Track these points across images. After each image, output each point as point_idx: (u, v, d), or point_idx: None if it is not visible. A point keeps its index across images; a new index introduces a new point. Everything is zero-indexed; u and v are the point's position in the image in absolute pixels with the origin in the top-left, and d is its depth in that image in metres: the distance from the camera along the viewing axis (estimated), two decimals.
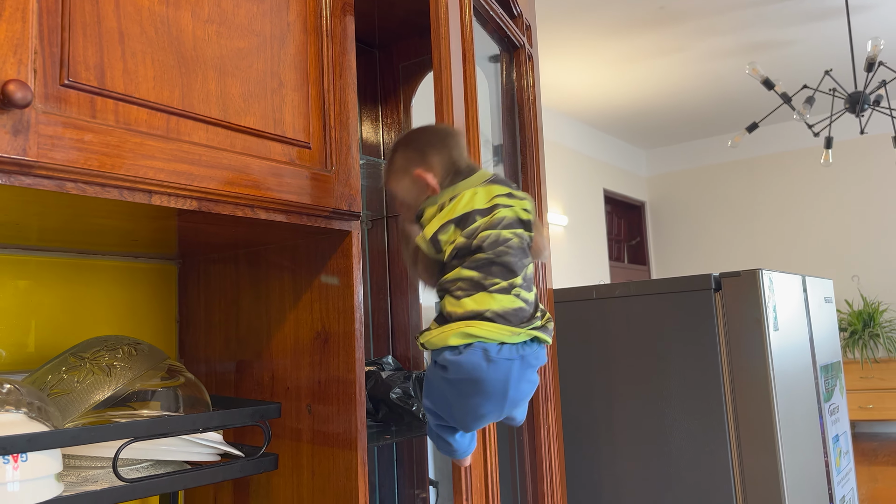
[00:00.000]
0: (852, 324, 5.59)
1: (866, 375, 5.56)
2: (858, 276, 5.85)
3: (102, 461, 0.89)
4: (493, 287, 0.92)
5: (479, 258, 0.92)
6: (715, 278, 1.46)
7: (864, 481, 4.52)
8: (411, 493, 1.72)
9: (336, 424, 1.11)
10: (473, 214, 0.94)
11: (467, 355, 0.91)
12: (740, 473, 1.42)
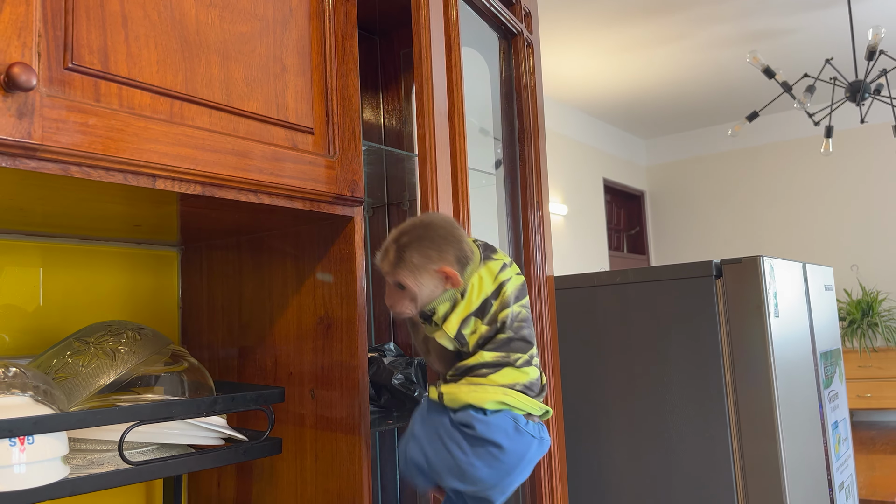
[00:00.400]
0: (851, 313, 5.61)
1: (864, 364, 5.58)
2: (857, 265, 5.86)
3: (108, 444, 0.90)
4: (518, 362, 0.94)
5: (499, 339, 0.94)
6: (716, 265, 1.47)
7: (861, 469, 4.54)
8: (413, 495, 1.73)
9: (339, 409, 1.11)
10: (488, 301, 0.95)
11: (499, 418, 0.92)
12: (740, 459, 1.43)
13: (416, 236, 0.95)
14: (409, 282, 0.93)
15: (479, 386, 0.92)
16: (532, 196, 1.52)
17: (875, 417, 5.85)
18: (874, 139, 5.87)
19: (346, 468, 1.08)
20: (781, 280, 1.51)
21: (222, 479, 1.25)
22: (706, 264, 1.46)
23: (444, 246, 0.94)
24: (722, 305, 1.45)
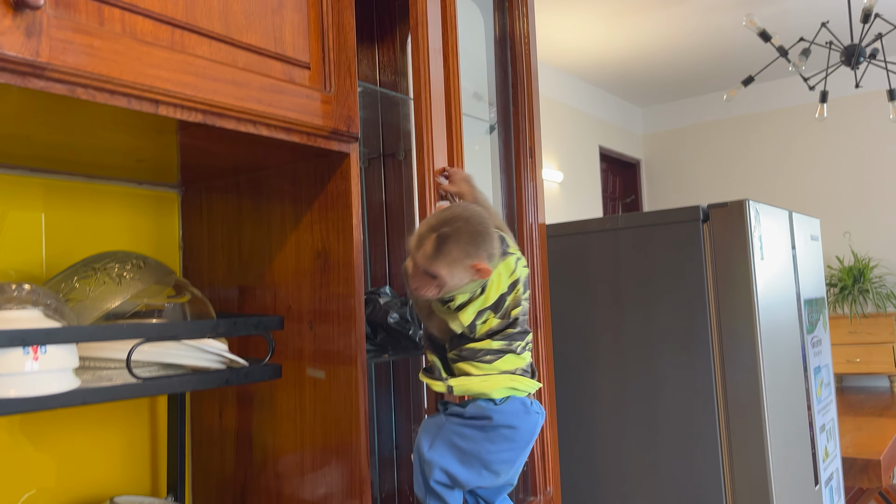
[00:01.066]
0: (842, 279, 5.67)
1: (854, 330, 5.65)
2: (850, 232, 5.91)
3: (116, 362, 0.94)
4: (519, 349, 1.02)
5: (509, 332, 1.02)
6: (703, 209, 1.51)
7: (849, 430, 4.62)
8: (408, 427, 1.79)
9: (337, 342, 1.16)
10: (504, 297, 1.01)
11: (509, 404, 1.00)
12: (723, 396, 1.48)
13: (457, 229, 0.96)
14: (444, 273, 0.95)
15: (489, 376, 1.00)
16: (524, 143, 1.55)
17: (863, 382, 5.94)
18: (868, 107, 5.88)
19: (343, 393, 1.13)
20: (767, 225, 1.55)
21: (224, 410, 1.30)
22: (694, 209, 1.50)
23: (480, 242, 0.97)
24: (708, 248, 1.49)
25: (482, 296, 0.99)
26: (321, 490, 1.16)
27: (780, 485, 1.47)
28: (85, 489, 1.20)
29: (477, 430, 1.00)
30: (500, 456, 1.01)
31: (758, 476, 1.44)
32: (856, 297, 5.60)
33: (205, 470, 1.31)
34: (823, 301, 1.95)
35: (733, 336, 1.47)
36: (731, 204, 1.46)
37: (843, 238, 5.92)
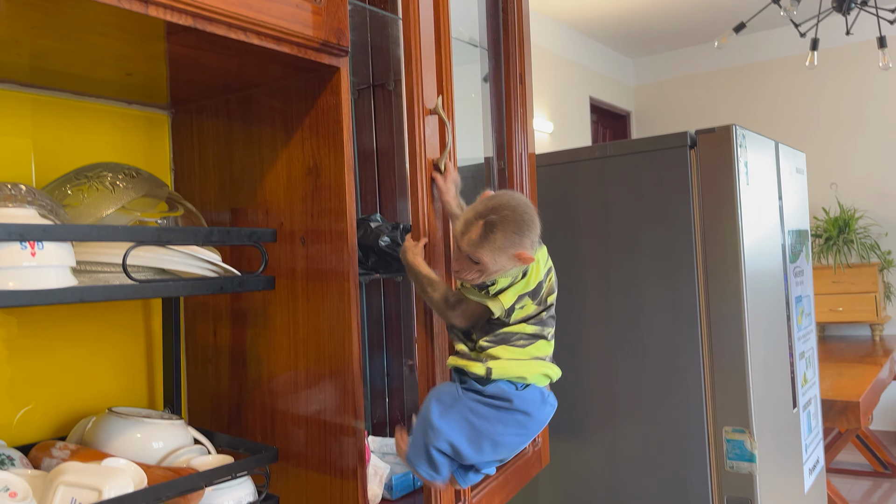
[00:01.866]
0: (827, 230, 5.73)
1: (838, 280, 5.73)
2: (837, 183, 5.95)
3: (112, 266, 0.95)
4: (549, 335, 1.06)
5: (542, 317, 1.05)
6: (690, 135, 1.52)
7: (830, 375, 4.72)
8: (399, 361, 1.82)
9: (329, 259, 1.17)
10: (541, 284, 1.04)
11: (529, 391, 1.03)
12: (706, 320, 1.51)
13: (503, 217, 0.98)
14: (488, 259, 0.98)
15: (525, 361, 1.02)
16: (514, 69, 1.55)
17: (846, 331, 6.05)
18: (858, 57, 5.87)
19: (336, 306, 1.15)
20: (753, 152, 1.56)
21: (218, 329, 1.32)
22: (681, 135, 1.51)
23: (526, 231, 0.99)
24: (695, 174, 1.51)
25: (523, 280, 1.01)
26: (315, 402, 1.19)
27: (759, 405, 1.51)
28: (82, 402, 1.23)
29: (493, 409, 1.02)
30: (509, 439, 1.04)
31: (738, 396, 1.48)
32: (840, 248, 5.67)
33: (200, 386, 1.34)
34: (807, 234, 1.98)
35: (718, 262, 1.50)
36: (718, 129, 1.47)
37: (829, 189, 5.97)
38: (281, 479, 1.22)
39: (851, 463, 5.57)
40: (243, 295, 1.28)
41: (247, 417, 1.29)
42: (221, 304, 1.31)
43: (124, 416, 1.11)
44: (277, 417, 1.25)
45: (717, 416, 1.50)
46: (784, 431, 1.67)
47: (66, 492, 0.90)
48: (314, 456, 1.20)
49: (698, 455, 1.51)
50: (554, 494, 1.70)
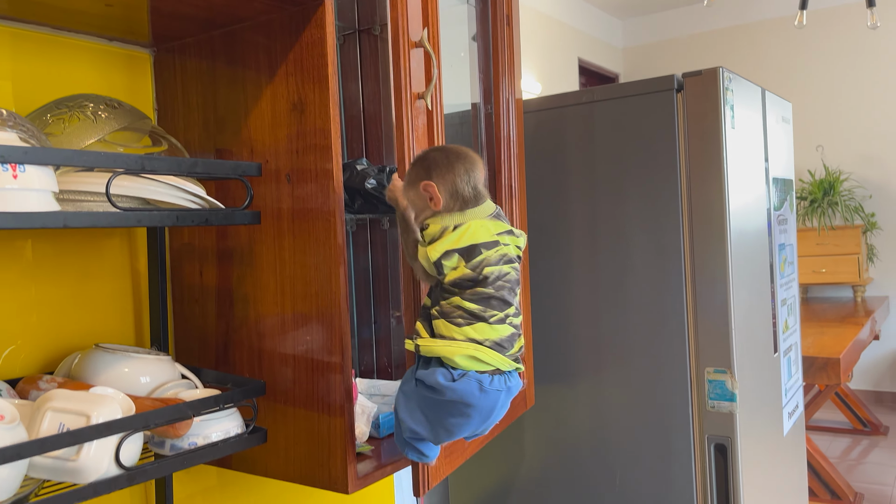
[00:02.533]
0: (813, 192, 5.77)
1: (822, 242, 5.78)
2: (823, 146, 5.97)
3: (96, 195, 0.95)
4: (492, 318, 0.99)
5: (480, 292, 0.99)
6: (677, 78, 1.52)
7: (811, 334, 4.79)
8: (386, 313, 1.83)
9: (314, 199, 1.17)
10: (478, 248, 1.00)
11: (462, 383, 0.99)
12: (691, 263, 1.53)
13: (420, 157, 1.04)
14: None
15: (454, 341, 0.98)
16: (501, 9, 1.54)
17: (828, 293, 6.13)
18: (846, 19, 5.86)
19: (322, 244, 1.15)
20: (740, 96, 1.57)
21: (204, 269, 1.32)
22: (668, 78, 1.51)
23: (434, 169, 1.01)
24: (681, 118, 1.51)
25: (454, 233, 1.00)
26: (302, 340, 1.20)
27: (740, 347, 1.54)
28: (68, 339, 1.23)
29: (434, 400, 1.02)
30: (459, 428, 1.04)
31: (720, 337, 1.51)
32: (825, 210, 5.71)
33: (186, 326, 1.35)
34: (791, 184, 1.99)
35: (702, 206, 1.51)
36: (705, 72, 1.47)
37: (815, 152, 5.99)
38: (269, 416, 1.24)
39: (831, 421, 5.68)
40: (229, 234, 1.28)
41: (234, 356, 1.29)
42: (207, 244, 1.31)
43: (111, 351, 1.12)
44: (265, 356, 1.26)
45: (700, 358, 1.52)
46: (764, 375, 1.70)
47: (53, 417, 0.90)
48: (302, 393, 1.21)
49: (680, 396, 1.54)
50: (538, 436, 1.73)
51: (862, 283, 5.73)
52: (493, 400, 1.01)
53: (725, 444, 1.50)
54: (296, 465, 1.22)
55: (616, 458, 1.62)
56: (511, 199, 1.57)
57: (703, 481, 1.54)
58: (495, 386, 1.00)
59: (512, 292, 1.02)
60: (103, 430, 0.89)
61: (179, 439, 1.04)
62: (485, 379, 0.99)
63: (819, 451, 4.32)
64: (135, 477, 0.94)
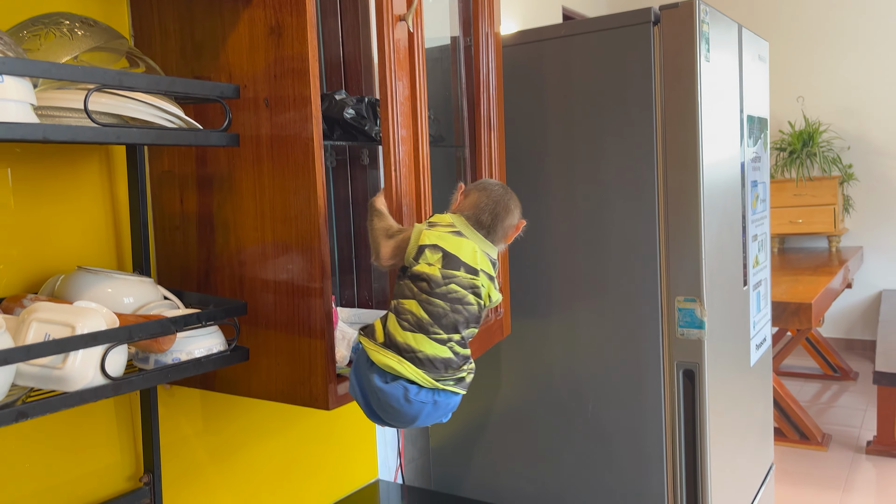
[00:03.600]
0: (792, 144, 5.82)
1: (800, 193, 5.86)
2: (804, 96, 6.01)
3: (74, 112, 0.96)
4: (435, 336, 1.02)
5: (436, 304, 1.02)
6: (654, 11, 1.53)
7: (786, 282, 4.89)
8: (367, 252, 1.85)
9: (293, 125, 1.18)
10: (461, 263, 1.03)
11: (391, 388, 1.03)
12: (664, 192, 1.56)
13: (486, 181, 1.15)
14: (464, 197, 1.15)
15: (385, 351, 1.02)
16: None
17: (804, 243, 6.23)
18: None
19: (301, 166, 1.17)
20: (716, 30, 1.58)
21: (184, 196, 1.34)
22: (645, 10, 1.52)
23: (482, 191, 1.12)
24: (658, 50, 1.53)
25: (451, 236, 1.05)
26: (283, 263, 1.22)
27: (710, 277, 1.58)
28: (50, 263, 1.24)
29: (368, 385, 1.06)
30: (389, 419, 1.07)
31: (691, 267, 1.55)
32: (803, 161, 5.78)
33: (168, 253, 1.36)
34: (766, 123, 2.02)
35: (676, 139, 1.54)
36: (682, 4, 1.48)
37: (796, 103, 6.03)
38: (251, 339, 1.27)
39: (803, 367, 5.84)
40: (209, 161, 1.29)
41: (216, 282, 1.32)
42: (187, 171, 1.32)
43: (94, 272, 1.14)
44: (246, 281, 1.28)
45: (671, 288, 1.57)
46: (734, 306, 1.75)
47: (39, 327, 0.93)
48: (283, 316, 1.24)
49: (651, 325, 1.59)
50: (514, 368, 1.78)
51: (837, 233, 5.84)
52: (416, 410, 1.04)
53: (693, 369, 1.56)
54: (278, 385, 1.25)
55: (589, 387, 1.68)
56: (490, 133, 1.59)
57: (672, 407, 1.60)
58: (420, 398, 1.03)
59: (465, 324, 1.04)
60: (88, 340, 0.92)
61: (163, 354, 1.07)
62: (412, 389, 1.03)
63: (789, 395, 4.46)
64: (120, 387, 0.97)
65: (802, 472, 4.04)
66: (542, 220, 1.71)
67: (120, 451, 1.35)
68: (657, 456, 1.62)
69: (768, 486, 2.14)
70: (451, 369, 1.04)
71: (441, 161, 1.66)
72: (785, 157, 5.84)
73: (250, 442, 1.61)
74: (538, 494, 1.77)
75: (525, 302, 1.75)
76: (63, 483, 1.26)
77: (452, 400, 1.08)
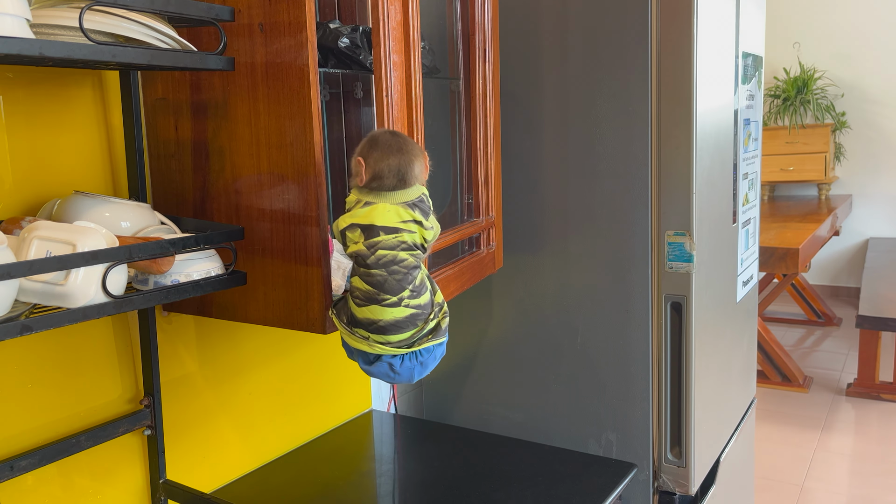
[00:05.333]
0: (786, 90, 5.80)
1: (792, 140, 5.87)
2: (800, 43, 5.96)
3: (68, 30, 0.95)
4: (385, 302, 1.07)
5: (374, 274, 1.07)
6: None
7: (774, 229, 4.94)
8: None
9: (288, 52, 1.18)
10: (377, 229, 1.06)
11: (376, 368, 1.12)
12: (657, 126, 1.57)
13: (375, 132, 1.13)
14: None
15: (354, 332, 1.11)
16: None
17: (794, 191, 6.27)
18: None
19: (296, 92, 1.17)
20: None
21: (179, 123, 1.33)
22: None
23: (371, 150, 1.10)
24: None
25: (361, 210, 1.08)
26: (278, 191, 1.23)
27: (700, 212, 1.61)
28: (46, 188, 1.25)
29: None
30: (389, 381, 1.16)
31: (682, 202, 1.57)
32: (797, 108, 5.76)
33: (163, 181, 1.37)
34: (761, 61, 2.02)
35: (670, 71, 1.54)
36: None
37: (792, 49, 5.98)
38: (248, 265, 1.29)
39: (788, 313, 5.95)
40: (203, 87, 1.29)
41: (212, 209, 1.33)
42: (181, 97, 1.32)
43: (91, 196, 1.14)
44: (242, 209, 1.29)
45: (661, 222, 1.60)
46: (722, 242, 1.78)
47: (40, 245, 0.94)
48: (279, 244, 1.26)
49: (641, 259, 1.62)
50: (506, 300, 1.81)
51: (827, 181, 5.87)
52: (407, 374, 1.12)
53: (681, 302, 1.60)
54: (274, 310, 1.28)
55: (578, 318, 1.72)
56: (484, 65, 1.58)
57: (659, 338, 1.65)
58: (406, 365, 1.11)
59: (409, 276, 1.08)
60: (89, 258, 0.94)
61: (162, 276, 1.09)
62: (395, 362, 1.11)
63: (773, 339, 4.55)
64: (122, 305, 0.99)
65: (783, 412, 4.16)
66: (535, 153, 1.72)
67: (120, 375, 1.38)
68: (643, 386, 1.67)
69: (749, 419, 2.21)
70: (420, 322, 1.10)
71: (436, 94, 1.66)
72: (779, 105, 5.83)
73: (247, 370, 1.64)
74: (527, 422, 1.83)
75: (517, 235, 1.77)
76: (66, 404, 1.29)
77: (437, 350, 1.14)
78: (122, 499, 1.40)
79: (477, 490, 1.55)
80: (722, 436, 1.90)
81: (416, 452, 1.74)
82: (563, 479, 1.59)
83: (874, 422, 4.00)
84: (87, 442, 1.30)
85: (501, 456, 1.71)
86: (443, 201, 1.63)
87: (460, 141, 1.63)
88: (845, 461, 3.57)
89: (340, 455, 1.76)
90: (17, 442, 1.22)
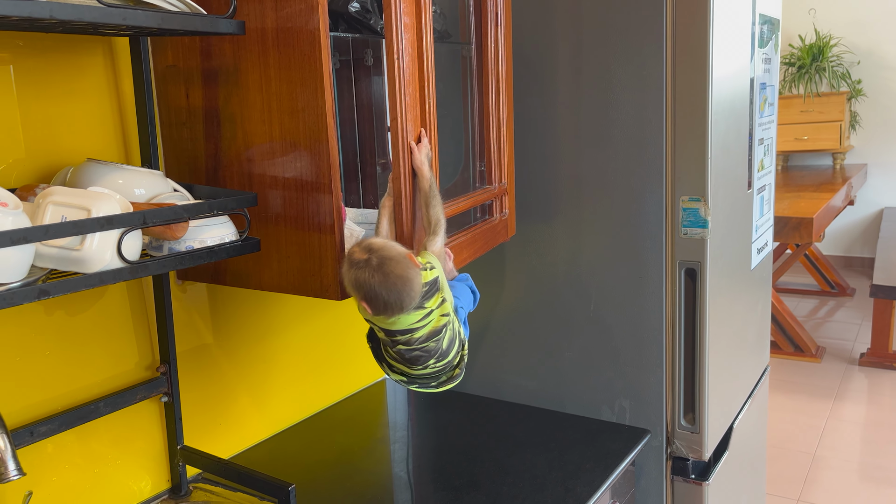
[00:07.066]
0: (801, 58, 5.70)
1: (807, 109, 5.79)
2: (815, 9, 5.85)
3: None
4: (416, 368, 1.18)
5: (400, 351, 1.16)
6: None
7: (789, 198, 4.89)
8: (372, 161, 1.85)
9: (298, 17, 1.16)
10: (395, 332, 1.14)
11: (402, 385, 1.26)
12: (672, 91, 1.55)
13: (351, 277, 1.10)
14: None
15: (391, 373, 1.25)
16: None
17: (809, 160, 6.20)
18: None
19: (307, 57, 1.16)
20: None
21: (190, 91, 1.33)
22: None
23: (362, 292, 1.09)
24: None
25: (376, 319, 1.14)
26: (291, 157, 1.23)
27: (716, 178, 1.59)
28: (59, 156, 1.25)
29: None
30: None
31: (697, 167, 1.55)
32: (812, 76, 5.68)
33: (175, 149, 1.37)
34: (778, 24, 1.98)
35: (686, 36, 1.51)
36: None
37: (808, 16, 5.87)
38: (261, 232, 1.29)
39: (801, 283, 5.92)
40: (214, 54, 1.28)
41: (224, 177, 1.33)
42: (192, 64, 1.31)
43: (104, 163, 1.14)
44: (255, 176, 1.29)
45: (676, 187, 1.58)
46: (737, 208, 1.77)
47: (55, 210, 0.94)
48: (293, 211, 1.25)
49: (655, 224, 1.61)
50: (519, 267, 1.81)
51: (842, 150, 5.80)
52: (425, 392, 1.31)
53: (695, 268, 1.59)
54: (288, 277, 1.28)
55: (591, 285, 1.71)
56: (497, 29, 1.56)
57: (673, 305, 1.64)
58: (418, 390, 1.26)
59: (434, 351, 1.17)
60: (104, 223, 0.94)
61: (176, 242, 1.09)
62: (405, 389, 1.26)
63: (786, 309, 4.53)
64: (137, 270, 1.00)
65: (796, 381, 4.16)
66: (549, 119, 1.70)
67: (137, 344, 1.39)
68: (657, 352, 1.66)
69: (762, 387, 2.21)
70: (448, 372, 1.22)
71: (447, 60, 1.64)
72: (794, 73, 5.74)
73: (262, 339, 1.65)
74: (540, 389, 1.83)
75: (530, 202, 1.76)
76: (84, 373, 1.30)
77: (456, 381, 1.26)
78: (141, 464, 1.42)
79: (491, 456, 1.56)
80: (735, 402, 1.90)
81: (430, 420, 1.75)
82: (576, 445, 1.59)
83: (887, 391, 3.99)
84: (106, 408, 1.31)
85: (515, 423, 1.71)
86: (455, 168, 1.62)
87: (472, 107, 1.62)
88: (857, 430, 3.57)
89: (355, 422, 1.78)
90: (37, 409, 1.24)
